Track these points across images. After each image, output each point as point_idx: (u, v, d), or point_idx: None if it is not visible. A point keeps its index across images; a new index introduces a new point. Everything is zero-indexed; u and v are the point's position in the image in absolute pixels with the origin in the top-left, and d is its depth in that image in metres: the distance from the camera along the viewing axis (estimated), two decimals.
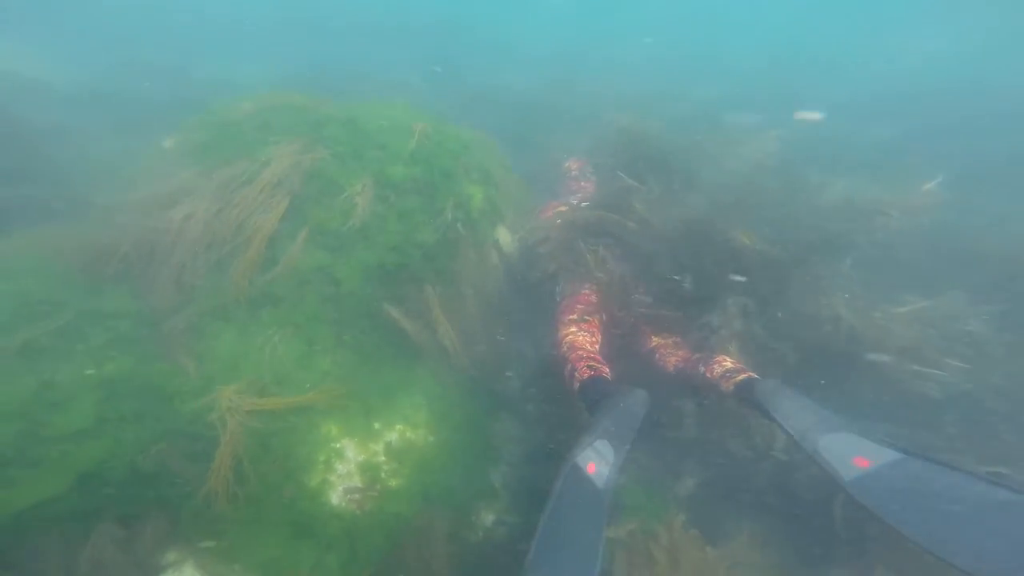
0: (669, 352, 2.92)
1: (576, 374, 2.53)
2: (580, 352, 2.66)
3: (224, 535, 2.45)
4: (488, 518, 2.80)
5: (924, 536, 1.64)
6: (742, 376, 2.38)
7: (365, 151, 3.42)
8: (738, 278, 2.84)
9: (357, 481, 2.59)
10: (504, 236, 3.82)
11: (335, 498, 2.51)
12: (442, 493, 2.72)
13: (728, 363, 2.54)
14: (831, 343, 2.79)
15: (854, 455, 1.88)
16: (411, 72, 7.50)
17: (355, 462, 2.65)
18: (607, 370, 2.54)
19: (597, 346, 2.80)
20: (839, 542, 2.53)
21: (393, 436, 2.85)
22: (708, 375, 2.54)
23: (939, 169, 3.54)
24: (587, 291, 3.10)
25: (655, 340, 3.01)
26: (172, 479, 2.51)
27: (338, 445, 2.65)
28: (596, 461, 2.04)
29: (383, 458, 2.72)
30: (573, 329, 2.89)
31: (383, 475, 2.66)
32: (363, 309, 3.17)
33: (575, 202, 3.73)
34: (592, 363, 2.56)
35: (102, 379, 2.65)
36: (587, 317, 2.97)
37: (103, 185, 3.76)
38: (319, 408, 2.70)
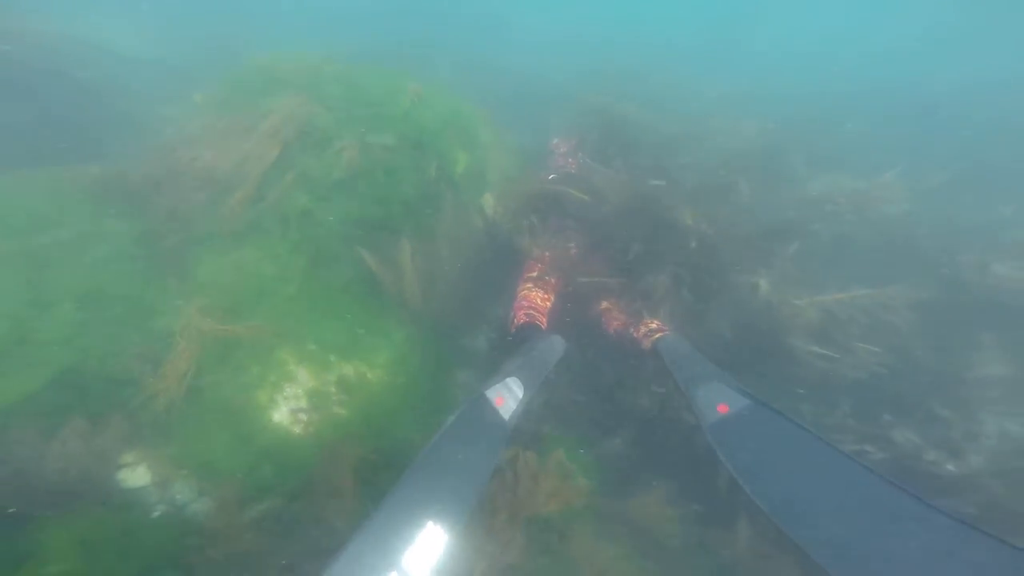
0: (613, 316, 3.02)
1: (514, 320, 2.76)
2: (524, 303, 2.86)
3: (175, 441, 2.58)
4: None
5: (744, 474, 1.77)
6: (658, 334, 2.57)
7: (359, 109, 3.60)
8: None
9: (303, 404, 2.68)
10: (489, 202, 3.88)
11: (278, 415, 2.61)
12: (385, 428, 2.76)
13: (653, 324, 2.70)
14: (756, 321, 2.87)
15: (720, 402, 2.00)
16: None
17: (305, 387, 2.74)
18: (543, 320, 2.73)
19: (548, 304, 2.94)
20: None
21: (348, 370, 2.92)
22: (635, 335, 2.71)
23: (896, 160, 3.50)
24: (547, 254, 3.20)
25: (604, 304, 3.10)
26: (138, 385, 2.68)
27: (291, 369, 2.75)
28: (505, 396, 2.18)
29: (333, 389, 2.80)
30: (530, 285, 3.09)
31: (331, 403, 2.73)
32: (339, 252, 3.31)
33: (549, 177, 3.79)
34: (530, 311, 2.75)
35: (90, 289, 2.89)
36: (546, 277, 3.13)
37: (135, 133, 4.14)
38: (277, 334, 2.82)
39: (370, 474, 2.54)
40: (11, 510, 2.24)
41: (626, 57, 8.46)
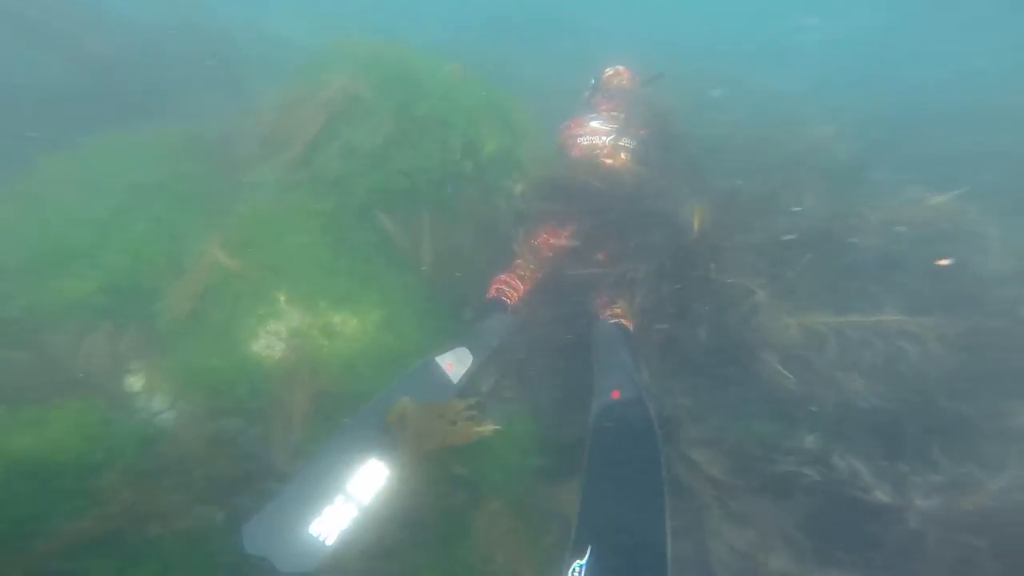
0: (595, 297, 2.97)
1: (487, 294, 2.92)
2: (503, 277, 2.96)
3: (171, 355, 2.82)
4: None
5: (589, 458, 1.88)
6: (612, 320, 2.64)
7: (401, 87, 3.80)
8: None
9: (283, 338, 2.79)
10: (518, 188, 3.84)
11: (256, 345, 2.74)
12: (359, 375, 2.77)
13: (618, 309, 2.71)
14: (737, 329, 2.67)
15: (614, 388, 2.08)
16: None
17: (288, 325, 2.85)
18: (511, 296, 2.82)
19: (522, 289, 2.98)
20: None
21: (336, 319, 3.00)
22: (600, 316, 2.74)
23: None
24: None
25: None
26: (160, 300, 3.00)
27: (279, 307, 2.88)
28: (454, 363, 2.39)
29: (316, 332, 2.88)
30: (520, 262, 3.10)
31: (310, 344, 2.81)
32: (360, 216, 3.47)
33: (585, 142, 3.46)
34: (502, 287, 2.88)
35: (150, 216, 3.33)
36: (530, 267, 3.15)
37: (236, 98, 4.76)
38: (277, 272, 2.99)
39: (330, 407, 2.56)
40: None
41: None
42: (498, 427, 2.15)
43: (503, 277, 3.02)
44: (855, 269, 2.86)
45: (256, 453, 2.45)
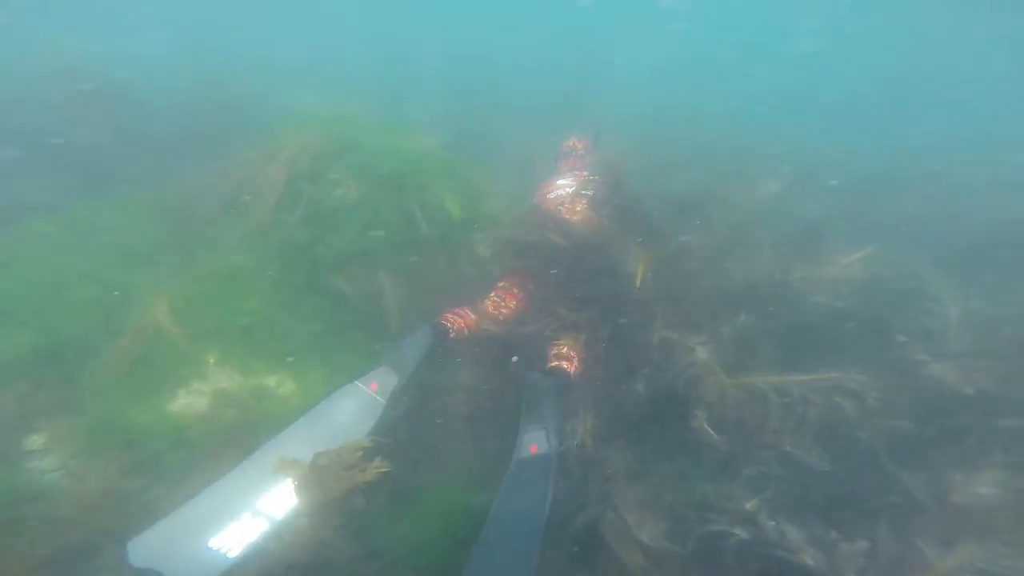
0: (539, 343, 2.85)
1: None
2: (459, 309, 2.92)
3: (86, 413, 2.64)
4: None
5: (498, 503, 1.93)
6: (552, 364, 2.60)
7: (359, 151, 3.93)
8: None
9: (205, 400, 2.62)
10: (481, 248, 3.82)
11: (175, 405, 2.58)
12: None
13: (564, 348, 2.65)
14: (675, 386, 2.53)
15: (533, 443, 2.11)
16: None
17: (214, 386, 2.70)
18: (455, 324, 2.77)
19: (467, 325, 2.90)
20: None
21: (271, 381, 2.85)
22: (547, 359, 2.66)
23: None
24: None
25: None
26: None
27: (207, 368, 2.75)
28: (379, 382, 2.38)
29: (244, 393, 2.71)
30: (490, 299, 3.10)
31: (230, 405, 2.64)
32: (314, 278, 3.42)
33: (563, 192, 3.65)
34: (450, 315, 2.81)
35: (101, 278, 3.29)
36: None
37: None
38: (218, 333, 2.89)
39: None
40: None
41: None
42: (386, 468, 2.03)
43: (459, 309, 2.95)
44: (798, 326, 2.74)
45: (154, 510, 2.20)
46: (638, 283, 2.78)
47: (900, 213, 4.94)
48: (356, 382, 2.34)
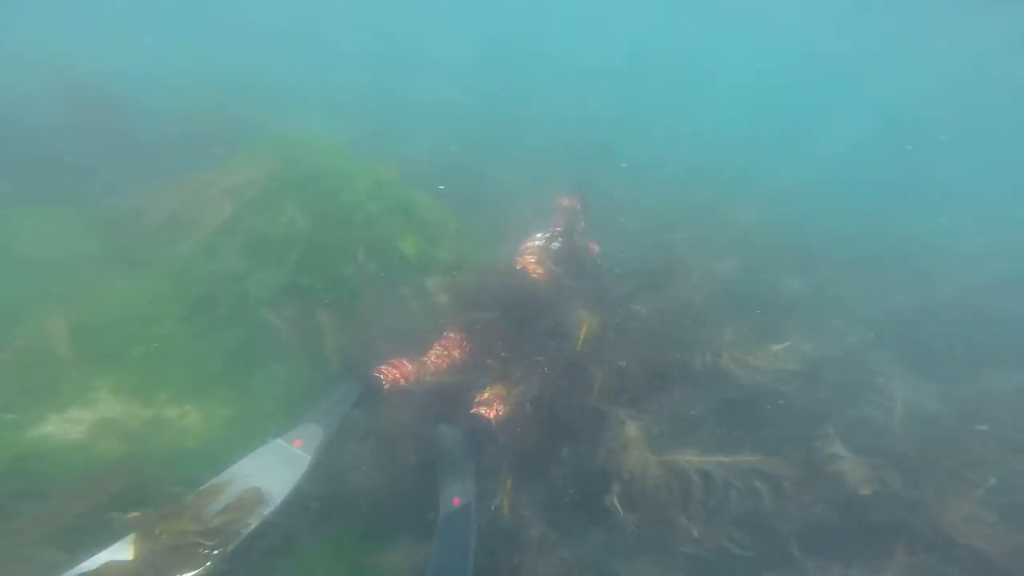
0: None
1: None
2: (397, 360, 2.79)
3: None
4: None
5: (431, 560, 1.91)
6: (473, 410, 2.53)
7: (321, 182, 3.85)
8: None
9: (82, 425, 2.29)
10: (435, 285, 3.72)
11: (44, 430, 2.23)
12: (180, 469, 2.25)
13: (485, 395, 2.60)
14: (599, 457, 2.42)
15: (456, 496, 2.08)
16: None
17: (100, 413, 2.37)
18: (389, 375, 2.67)
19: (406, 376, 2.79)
20: None
21: (172, 412, 2.53)
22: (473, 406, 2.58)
23: None
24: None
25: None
26: None
27: (94, 394, 2.44)
28: (304, 439, 2.26)
29: (135, 422, 2.39)
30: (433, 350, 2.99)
31: (113, 436, 2.31)
32: (240, 310, 3.19)
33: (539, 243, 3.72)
34: (385, 367, 2.70)
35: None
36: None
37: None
38: (116, 359, 2.59)
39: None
40: None
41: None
42: None
43: (395, 360, 2.81)
44: (732, 406, 2.72)
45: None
46: (579, 344, 2.74)
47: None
48: (279, 439, 2.23)
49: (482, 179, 6.77)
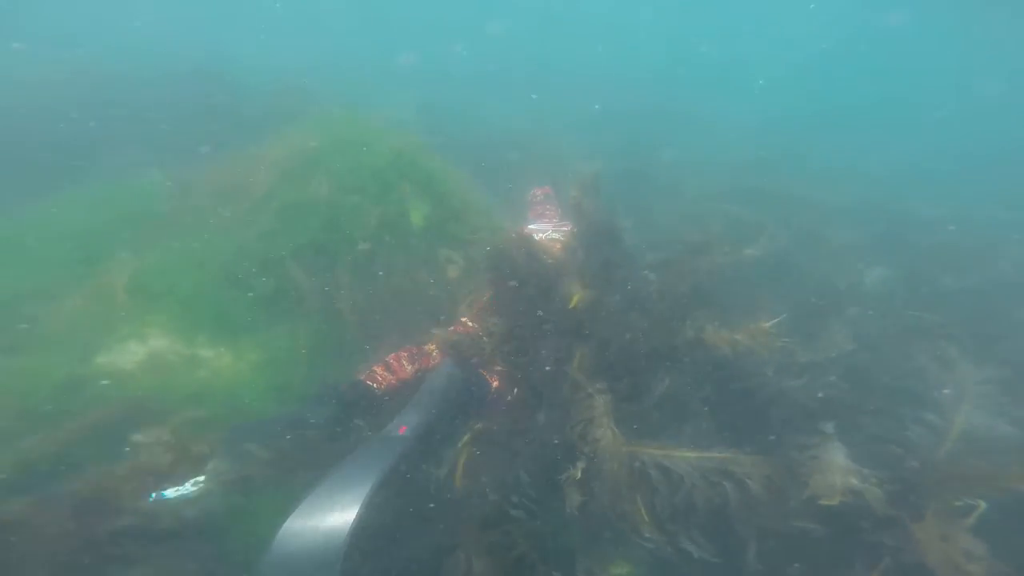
0: None
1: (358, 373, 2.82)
2: (399, 357, 2.87)
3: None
4: None
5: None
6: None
7: (342, 154, 4.14)
8: None
9: (132, 359, 2.77)
10: (447, 255, 3.92)
11: (103, 359, 2.73)
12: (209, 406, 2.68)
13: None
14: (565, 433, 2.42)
15: (405, 426, 2.22)
16: None
17: (148, 349, 2.84)
18: (379, 382, 2.74)
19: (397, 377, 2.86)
20: None
21: (208, 352, 2.97)
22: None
23: None
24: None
25: None
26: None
27: (145, 330, 2.91)
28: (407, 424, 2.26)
29: (176, 358, 2.84)
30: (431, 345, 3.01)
31: (161, 366, 2.77)
32: (273, 265, 3.58)
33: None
34: (377, 369, 2.77)
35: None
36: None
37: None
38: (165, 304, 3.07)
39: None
40: None
41: None
42: None
43: (392, 358, 2.90)
44: (710, 400, 2.56)
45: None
46: (572, 303, 2.70)
47: None
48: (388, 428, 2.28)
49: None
